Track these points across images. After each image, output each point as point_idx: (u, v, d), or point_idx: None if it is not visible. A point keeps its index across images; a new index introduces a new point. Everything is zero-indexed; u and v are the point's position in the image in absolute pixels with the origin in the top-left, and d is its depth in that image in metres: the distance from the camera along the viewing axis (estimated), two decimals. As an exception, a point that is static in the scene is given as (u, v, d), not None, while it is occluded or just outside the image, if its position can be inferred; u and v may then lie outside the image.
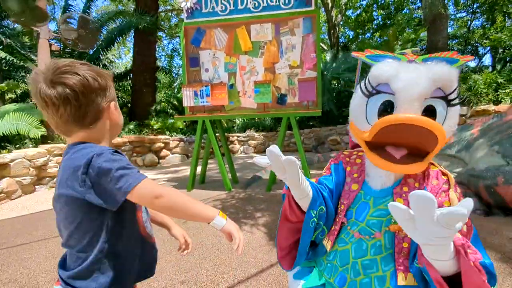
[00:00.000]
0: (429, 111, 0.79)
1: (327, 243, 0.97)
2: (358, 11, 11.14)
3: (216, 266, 1.98)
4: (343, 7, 11.67)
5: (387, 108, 0.82)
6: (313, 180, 1.04)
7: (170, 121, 8.37)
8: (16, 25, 8.00)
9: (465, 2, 10.10)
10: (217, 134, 4.88)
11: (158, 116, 9.15)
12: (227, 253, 2.16)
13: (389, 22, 10.21)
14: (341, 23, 11.99)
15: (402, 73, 0.79)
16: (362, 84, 0.88)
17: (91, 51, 8.67)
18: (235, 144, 9.30)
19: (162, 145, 7.31)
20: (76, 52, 8.20)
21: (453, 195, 0.79)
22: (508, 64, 5.53)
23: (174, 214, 0.77)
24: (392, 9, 9.92)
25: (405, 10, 9.66)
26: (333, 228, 0.96)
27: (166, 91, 13.11)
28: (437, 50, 7.42)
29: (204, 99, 4.24)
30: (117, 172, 0.70)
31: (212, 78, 4.40)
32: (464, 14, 10.89)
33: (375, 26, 11.16)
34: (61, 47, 7.85)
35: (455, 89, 0.79)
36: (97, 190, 0.71)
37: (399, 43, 7.77)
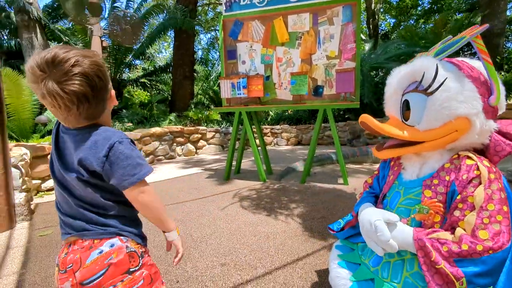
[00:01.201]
0: (406, 105, 0.93)
1: None
2: (401, -3, 10.37)
3: (253, 251, 2.07)
4: (385, -8, 10.92)
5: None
6: (369, 180, 1.27)
7: (206, 112, 8.67)
8: (71, 24, 8.79)
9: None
10: (252, 126, 4.98)
11: (196, 107, 9.53)
12: (264, 240, 2.24)
13: (435, 7, 9.33)
14: (381, 10, 11.24)
15: (388, 79, 1.04)
16: None
17: (135, 46, 9.24)
18: (269, 136, 9.35)
19: (200, 135, 7.63)
20: (122, 48, 8.81)
21: (479, 192, 0.78)
22: None
23: (146, 213, 0.84)
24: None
25: (456, -5, 8.77)
26: None
27: (203, 84, 13.52)
28: (492, 35, 6.62)
29: (241, 91, 4.33)
30: (135, 160, 0.78)
31: (248, 70, 4.46)
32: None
33: (420, 12, 10.25)
34: (110, 43, 8.48)
35: (423, 77, 0.87)
36: (110, 172, 0.77)
37: (448, 30, 7.10)
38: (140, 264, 0.82)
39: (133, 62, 10.30)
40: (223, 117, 9.68)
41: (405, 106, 0.93)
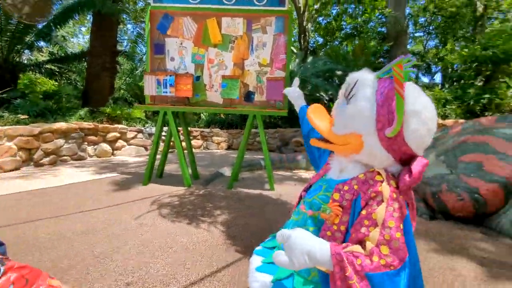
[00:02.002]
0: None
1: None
2: (329, 19, 11.61)
3: (168, 266, 1.85)
4: (314, 13, 12.03)
5: None
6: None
7: (129, 110, 7.84)
8: None
9: (423, 23, 11.12)
10: (179, 128, 4.67)
11: (116, 103, 8.52)
12: (182, 252, 2.03)
13: (355, 33, 10.81)
14: (312, 28, 12.35)
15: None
16: None
17: (40, 24, 7.75)
18: (198, 139, 9.04)
19: (118, 135, 6.81)
20: (22, 26, 7.27)
21: (380, 210, 0.81)
22: (454, 83, 6.14)
23: None
24: (359, 19, 10.52)
25: (371, 24, 10.29)
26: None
27: (127, 78, 12.27)
28: None
29: (167, 89, 4.01)
30: None
31: (177, 68, 4.18)
32: (421, 33, 12.02)
33: (343, 35, 11.73)
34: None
35: (348, 84, 0.93)
36: None
37: (365, 53, 8.23)
38: (2, 271, 0.81)
39: (37, 44, 8.58)
40: (148, 116, 8.92)
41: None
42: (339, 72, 8.36)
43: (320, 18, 12.83)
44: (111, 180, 4.23)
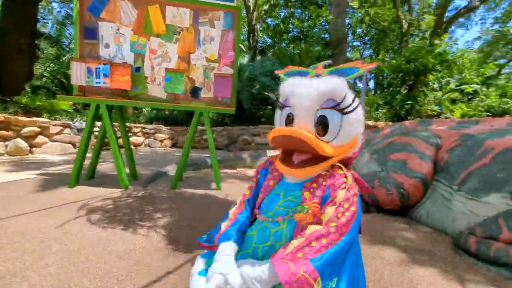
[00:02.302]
0: (321, 121, 0.93)
1: None
2: (277, 21, 11.95)
3: (96, 279, 1.61)
4: (263, 14, 12.23)
5: (290, 119, 0.96)
6: (247, 192, 1.17)
7: (52, 101, 6.82)
8: None
9: (360, 34, 12.28)
10: (115, 123, 4.22)
11: (36, 93, 7.33)
12: (115, 262, 1.80)
13: (301, 37, 11.36)
14: (260, 28, 12.54)
15: (296, 89, 0.95)
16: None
17: None
18: (139, 136, 8.38)
19: (38, 129, 5.87)
20: None
21: (340, 193, 0.93)
22: (385, 90, 6.89)
23: None
24: (305, 24, 11.08)
25: (315, 30, 10.93)
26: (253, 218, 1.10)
27: (51, 64, 10.68)
28: None
29: (101, 79, 3.58)
30: None
31: (113, 57, 3.76)
32: (358, 43, 13.30)
33: (290, 38, 12.21)
34: None
35: (344, 98, 0.93)
36: None
37: (310, 57, 8.69)
38: None
39: None
40: (78, 109, 7.90)
41: (322, 122, 0.94)
42: (286, 73, 8.65)
43: (269, 20, 13.13)
44: (28, 182, 3.60)
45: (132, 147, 4.52)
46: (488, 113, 4.55)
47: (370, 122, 5.77)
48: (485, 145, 2.63)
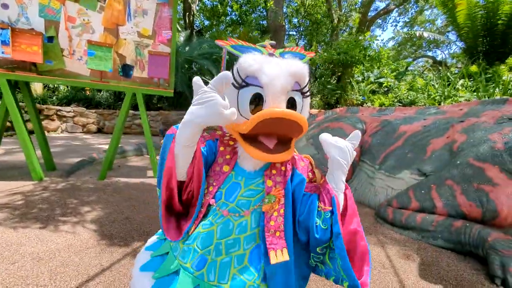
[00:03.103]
0: (291, 103, 0.88)
1: (192, 226, 0.95)
2: (215, 2, 11.45)
3: (9, 287, 1.34)
4: (200, -7, 11.57)
5: (258, 100, 0.87)
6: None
7: None
8: None
9: (295, 24, 12.78)
10: (22, 103, 3.49)
11: None
12: (31, 265, 1.52)
13: (240, 21, 11.18)
14: (197, 8, 11.87)
15: (266, 67, 0.85)
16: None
17: None
18: (54, 120, 7.18)
19: None
20: None
21: (317, 172, 0.98)
22: (317, 80, 7.38)
23: None
24: (244, 8, 10.91)
25: (254, 15, 10.87)
26: (200, 210, 0.95)
27: None
28: None
29: (-2, 48, 2.88)
30: None
31: (16, 21, 3.07)
32: (294, 32, 13.83)
33: (229, 21, 11.90)
34: None
35: (308, 83, 0.90)
36: None
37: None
38: None
39: None
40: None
41: (290, 104, 0.89)
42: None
43: (206, 0, 12.53)
44: None
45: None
46: (399, 104, 5.35)
47: (305, 109, 6.16)
48: (399, 129, 3.07)
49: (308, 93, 0.92)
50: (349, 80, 6.50)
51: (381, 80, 6.44)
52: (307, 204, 0.91)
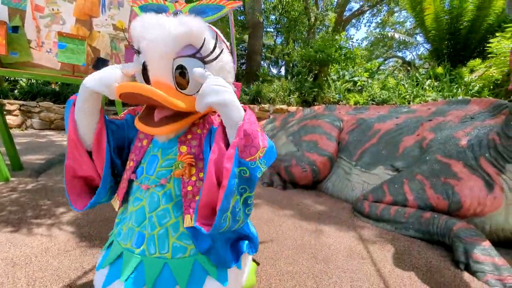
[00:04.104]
0: (180, 72, 0.81)
1: (115, 202, 0.97)
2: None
3: (-20, 299, 1.26)
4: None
5: (146, 68, 0.82)
6: (121, 114, 1.04)
7: None
8: None
9: (273, 21, 12.84)
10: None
11: None
12: (5, 272, 1.44)
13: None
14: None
15: (149, 31, 0.76)
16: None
17: None
18: (16, 115, 6.68)
19: None
20: None
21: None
22: (295, 77, 7.50)
23: None
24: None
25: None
26: (121, 186, 0.97)
27: None
28: (254, 52, 8.86)
29: (-46, 37, 2.63)
30: None
31: (-27, 7, 2.81)
32: (272, 29, 13.89)
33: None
34: None
35: (203, 44, 0.78)
36: None
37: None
38: None
39: None
40: None
41: (179, 73, 0.80)
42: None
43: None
44: None
45: (10, 129, 3.56)
46: (373, 102, 5.61)
47: (284, 106, 6.26)
48: (374, 127, 3.24)
49: (209, 57, 0.81)
50: (325, 78, 6.69)
51: (355, 79, 6.70)
52: None
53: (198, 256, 0.91)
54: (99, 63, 3.34)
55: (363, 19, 16.81)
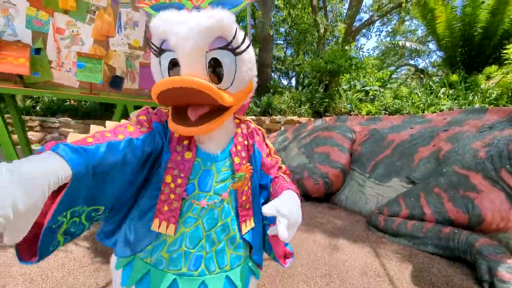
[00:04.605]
0: (213, 65, 0.76)
1: (170, 229, 0.80)
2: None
3: (-1, 315, 1.29)
4: None
5: (174, 65, 0.77)
6: (130, 128, 0.79)
7: None
8: None
9: (283, 33, 13.04)
10: (7, 116, 3.40)
11: None
12: (26, 286, 1.47)
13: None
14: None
15: (176, 26, 0.73)
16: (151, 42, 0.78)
17: None
18: (37, 131, 6.97)
19: None
20: None
21: (270, 145, 1.04)
22: (305, 88, 7.51)
23: None
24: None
25: (241, 23, 11.02)
26: (172, 207, 0.81)
27: None
28: (265, 65, 8.99)
29: (-17, 60, 2.81)
30: None
31: (1, 32, 2.99)
32: (282, 41, 14.08)
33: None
34: None
35: (235, 36, 0.76)
36: None
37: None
38: None
39: None
40: None
41: (216, 65, 0.76)
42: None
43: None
44: None
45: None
46: (385, 111, 5.53)
47: (295, 118, 6.25)
48: (387, 138, 3.18)
49: (240, 48, 0.78)
50: (336, 89, 6.66)
51: (367, 88, 6.64)
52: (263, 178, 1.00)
53: (247, 259, 0.95)
54: (115, 80, 3.47)
55: (373, 28, 16.80)
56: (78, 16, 3.27)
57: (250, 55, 0.83)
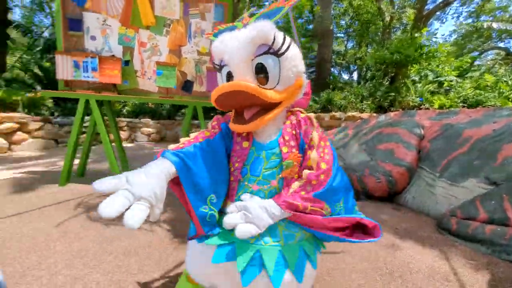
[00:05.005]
0: (259, 69, 0.90)
1: (227, 205, 1.03)
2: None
3: (109, 274, 1.66)
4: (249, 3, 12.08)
5: (230, 76, 0.94)
6: (206, 133, 1.03)
7: (29, 94, 6.49)
8: None
9: (343, 25, 12.48)
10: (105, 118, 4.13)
11: (9, 86, 6.94)
12: (123, 257, 1.84)
13: (286, 27, 11.39)
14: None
15: (226, 45, 0.91)
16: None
17: None
18: (125, 130, 8.19)
19: (17, 125, 5.59)
20: None
21: (314, 136, 1.00)
22: (368, 82, 7.10)
23: None
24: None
25: (300, 20, 10.96)
26: (231, 187, 1.04)
27: (23, 55, 10.05)
28: (324, 60, 8.77)
29: (89, 74, 3.48)
30: None
31: (101, 50, 3.66)
32: (342, 35, 13.52)
33: (277, 28, 12.21)
34: None
35: (275, 39, 0.88)
36: None
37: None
38: None
39: None
40: (57, 103, 7.56)
41: (261, 70, 0.90)
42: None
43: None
44: (14, 181, 3.48)
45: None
46: (464, 104, 4.88)
47: (356, 113, 5.99)
48: (463, 134, 2.86)
49: (281, 50, 0.90)
50: (403, 81, 6.13)
51: (441, 79, 5.94)
52: None
53: (303, 242, 1.01)
54: (186, 84, 3.90)
55: (450, 9, 14.70)
56: (157, 30, 3.78)
57: (293, 53, 0.94)
